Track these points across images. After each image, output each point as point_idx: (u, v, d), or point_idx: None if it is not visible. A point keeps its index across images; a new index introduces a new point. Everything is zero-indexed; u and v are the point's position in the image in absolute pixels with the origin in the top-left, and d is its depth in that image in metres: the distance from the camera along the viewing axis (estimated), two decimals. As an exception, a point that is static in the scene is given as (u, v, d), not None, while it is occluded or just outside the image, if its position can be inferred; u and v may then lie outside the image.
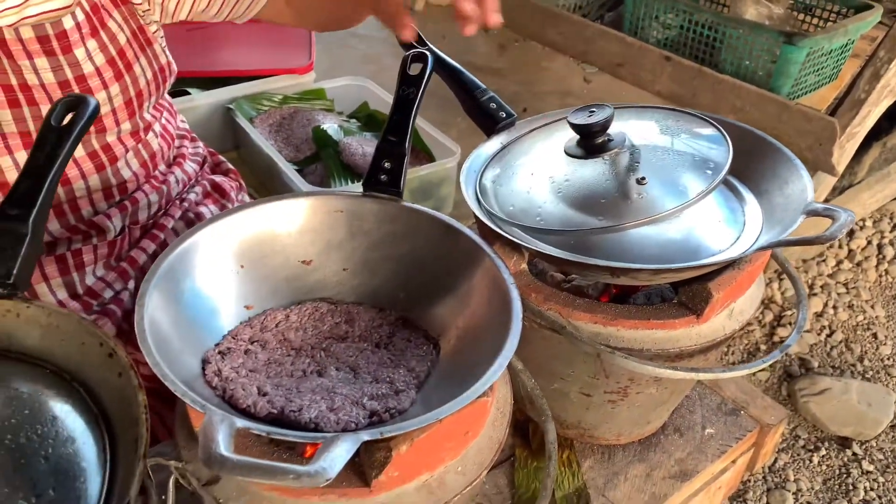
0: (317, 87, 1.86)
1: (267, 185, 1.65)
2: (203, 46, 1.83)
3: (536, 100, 2.35)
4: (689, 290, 0.75)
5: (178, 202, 1.08)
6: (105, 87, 0.88)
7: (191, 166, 1.13)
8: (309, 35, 2.01)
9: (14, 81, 0.83)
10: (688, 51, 2.24)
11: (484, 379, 0.57)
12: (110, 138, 0.93)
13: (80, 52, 0.85)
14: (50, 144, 0.64)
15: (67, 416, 0.54)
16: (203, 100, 1.72)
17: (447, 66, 0.92)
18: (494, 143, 0.89)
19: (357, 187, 1.49)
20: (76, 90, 0.86)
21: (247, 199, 1.21)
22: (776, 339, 1.95)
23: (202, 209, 1.10)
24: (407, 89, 0.78)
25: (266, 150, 1.57)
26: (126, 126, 0.94)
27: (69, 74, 0.85)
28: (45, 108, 0.85)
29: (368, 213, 0.76)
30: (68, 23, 0.82)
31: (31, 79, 0.83)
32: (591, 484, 0.87)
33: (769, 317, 2.00)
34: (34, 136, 0.86)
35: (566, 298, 0.76)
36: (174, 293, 0.65)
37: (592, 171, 0.78)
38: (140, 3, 0.91)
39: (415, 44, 0.93)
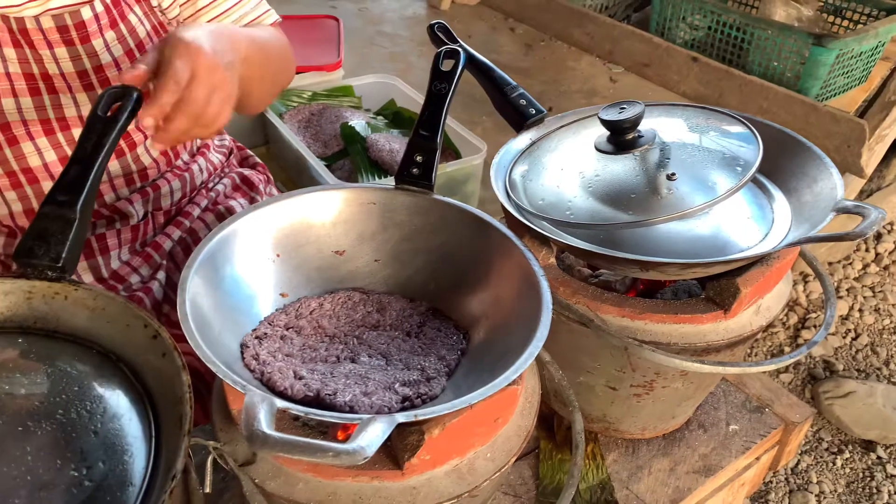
0: (345, 84, 1.88)
1: (296, 180, 1.67)
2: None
3: (562, 99, 2.36)
4: (717, 286, 0.76)
5: (203, 191, 1.10)
6: None
7: (216, 156, 1.16)
8: (338, 33, 2.04)
9: (36, 70, 0.86)
10: (715, 52, 2.23)
11: (515, 366, 0.58)
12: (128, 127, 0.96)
13: (98, 43, 0.87)
14: (96, 134, 0.67)
15: (114, 394, 0.56)
16: (234, 95, 1.75)
17: (478, 63, 0.93)
18: (524, 139, 0.90)
19: (385, 182, 1.52)
20: (94, 80, 0.89)
21: (275, 191, 1.23)
22: (800, 341, 1.94)
23: (232, 202, 1.12)
24: (439, 85, 0.79)
25: (295, 146, 1.59)
26: None
27: (87, 64, 0.88)
28: (64, 97, 0.88)
29: (400, 205, 0.77)
30: (87, 14, 0.85)
31: (51, 68, 0.86)
32: (614, 477, 0.88)
33: (793, 319, 1.99)
34: (54, 123, 0.89)
35: (594, 292, 0.77)
36: (214, 279, 0.67)
37: (622, 167, 0.79)
38: (156, 5, 0.94)
39: (446, 41, 0.94)
